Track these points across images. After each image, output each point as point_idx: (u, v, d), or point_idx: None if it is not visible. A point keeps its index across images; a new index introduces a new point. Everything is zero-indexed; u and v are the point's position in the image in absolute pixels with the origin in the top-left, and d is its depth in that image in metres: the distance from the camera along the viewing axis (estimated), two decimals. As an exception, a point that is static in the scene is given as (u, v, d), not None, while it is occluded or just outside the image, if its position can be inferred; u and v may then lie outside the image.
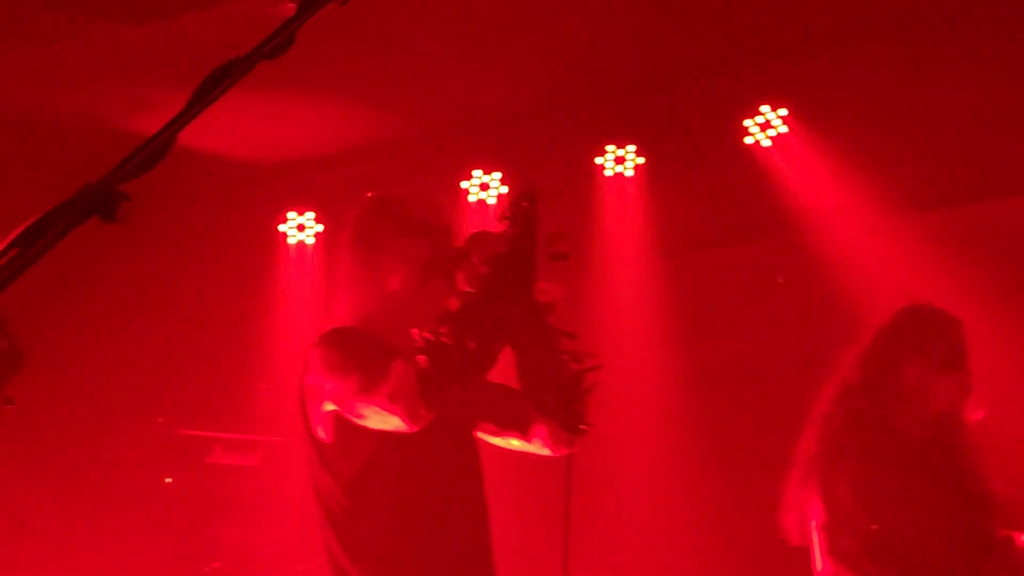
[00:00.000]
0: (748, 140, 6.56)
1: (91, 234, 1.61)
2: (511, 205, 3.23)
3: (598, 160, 6.80)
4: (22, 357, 3.01)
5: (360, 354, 3.32)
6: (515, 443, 3.54)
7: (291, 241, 7.15)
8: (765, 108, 6.50)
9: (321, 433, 3.42)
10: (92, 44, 5.64)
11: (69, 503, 6.27)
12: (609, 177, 6.80)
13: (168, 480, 6.40)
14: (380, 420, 3.24)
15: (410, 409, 3.16)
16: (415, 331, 3.13)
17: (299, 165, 7.12)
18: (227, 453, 6.50)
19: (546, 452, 3.48)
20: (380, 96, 6.43)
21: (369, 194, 3.70)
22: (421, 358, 3.09)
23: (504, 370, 3.34)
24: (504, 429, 3.52)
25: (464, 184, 6.88)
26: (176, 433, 6.40)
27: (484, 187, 6.91)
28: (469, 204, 6.85)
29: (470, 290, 3.19)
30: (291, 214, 7.15)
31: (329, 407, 3.37)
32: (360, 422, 3.30)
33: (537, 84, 6.38)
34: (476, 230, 3.37)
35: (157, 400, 6.52)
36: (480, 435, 3.57)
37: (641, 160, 6.76)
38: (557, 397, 3.30)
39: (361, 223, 3.60)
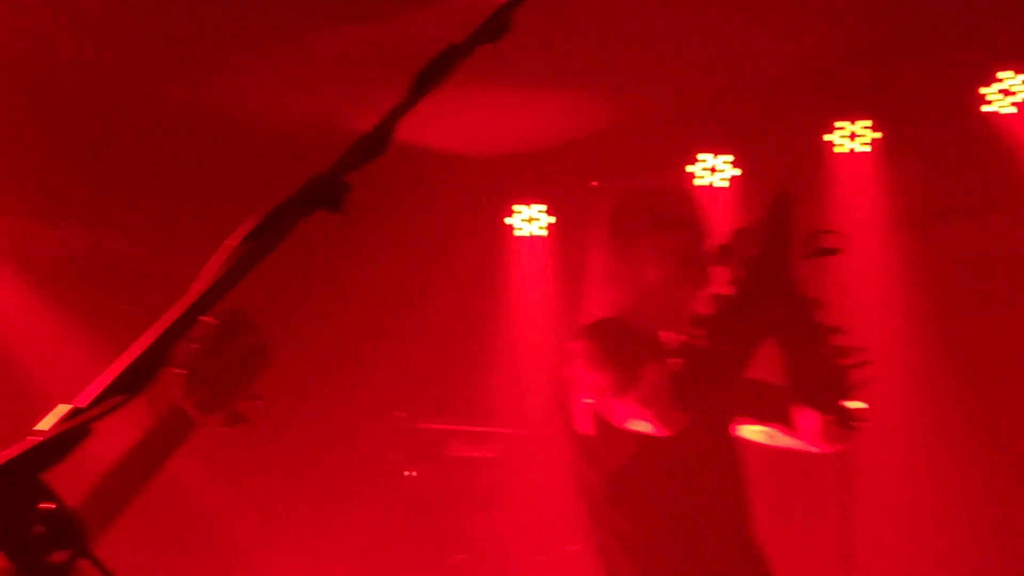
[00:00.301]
0: (987, 108, 6.29)
1: (328, 233, 1.63)
2: (768, 208, 3.15)
3: (828, 136, 6.63)
4: (269, 354, 3.08)
5: (618, 352, 3.29)
6: (780, 437, 3.46)
7: (519, 234, 7.18)
8: (1006, 74, 6.24)
9: (582, 426, 3.40)
10: (316, 46, 5.75)
11: (315, 497, 6.43)
12: (841, 154, 6.62)
13: (409, 473, 6.49)
14: (634, 422, 3.22)
15: (662, 414, 3.11)
16: (669, 334, 3.08)
17: (525, 158, 7.14)
18: (467, 446, 6.56)
19: (815, 449, 3.39)
20: (603, 84, 6.39)
21: (621, 190, 3.69)
22: (676, 360, 3.03)
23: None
24: (767, 420, 3.44)
25: (690, 168, 6.80)
26: (416, 427, 6.49)
27: (712, 170, 6.82)
28: (697, 188, 6.76)
29: (726, 292, 3.12)
30: (518, 207, 7.18)
31: (589, 401, 3.35)
32: (617, 420, 3.27)
33: (762, 61, 6.25)
34: (740, 226, 3.30)
35: (397, 395, 6.63)
36: (742, 429, 3.50)
37: (877, 135, 6.57)
38: (829, 393, 3.21)
39: (617, 216, 3.56)
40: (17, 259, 6.77)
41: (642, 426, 3.17)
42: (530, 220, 7.18)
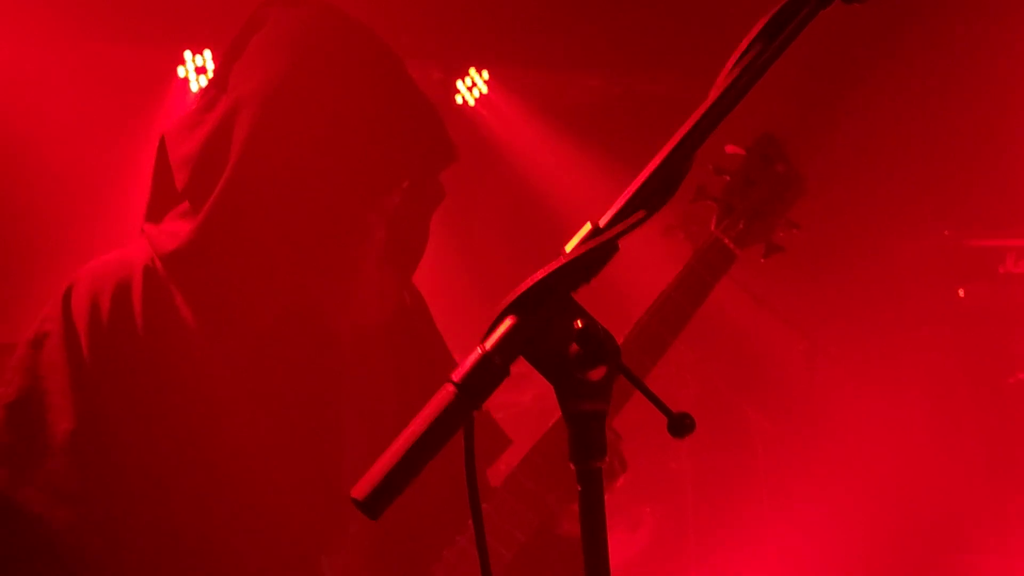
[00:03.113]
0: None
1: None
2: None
3: None
4: (803, 180, 3.02)
5: None
6: None
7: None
8: None
9: None
10: None
11: (861, 323, 6.32)
12: None
13: (960, 293, 6.25)
14: None
15: None
16: None
17: None
18: (1020, 261, 6.23)
19: None
20: None
21: None
22: None
23: None
24: None
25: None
26: (965, 245, 6.23)
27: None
28: None
29: None
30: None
31: None
32: None
33: None
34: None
35: (943, 211, 6.37)
36: None
37: None
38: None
39: None
40: (549, 108, 7.06)
41: None
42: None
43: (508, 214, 7.13)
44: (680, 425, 1.52)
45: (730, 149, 2.92)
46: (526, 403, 5.24)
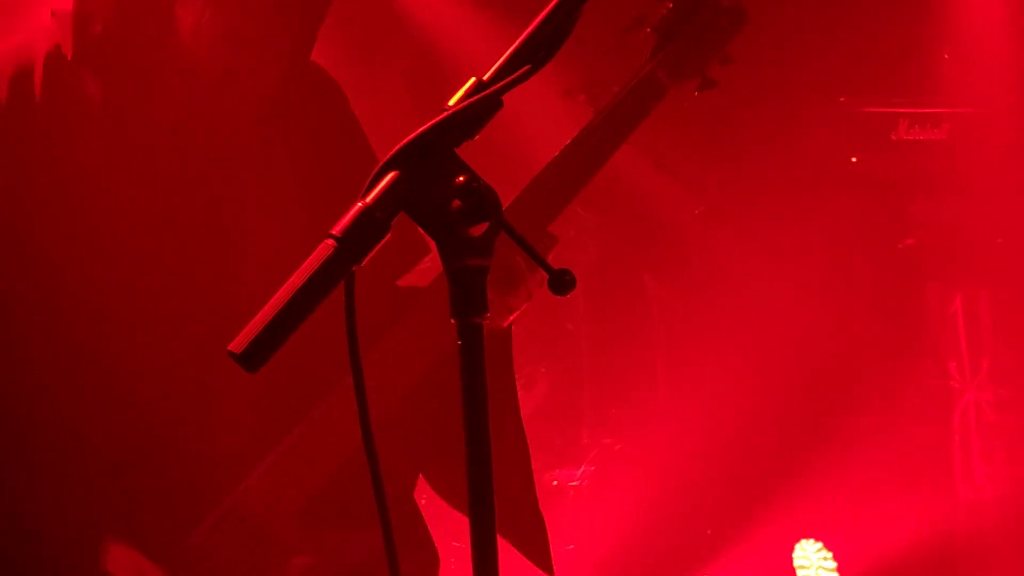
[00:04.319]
0: None
1: None
2: None
3: None
4: (745, 13, 2.93)
5: None
6: None
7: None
8: None
9: None
10: None
11: (757, 187, 6.37)
12: None
13: (853, 160, 6.32)
14: None
15: None
16: None
17: None
18: (913, 128, 6.30)
19: None
20: None
21: None
22: None
23: None
24: None
25: None
26: (860, 111, 6.28)
27: None
28: None
29: None
30: None
31: None
32: None
33: None
34: None
35: (839, 78, 6.40)
36: None
37: None
38: None
39: None
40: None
41: None
42: None
43: (408, 75, 7.04)
44: (561, 282, 1.53)
45: None
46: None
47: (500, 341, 2.69)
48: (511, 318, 2.66)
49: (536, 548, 2.82)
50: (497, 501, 2.82)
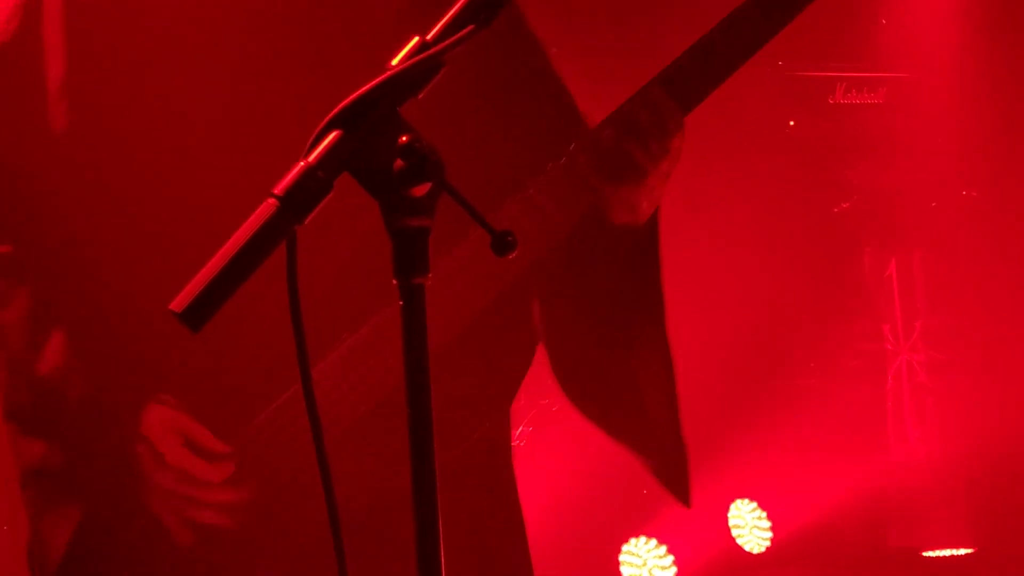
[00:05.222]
0: None
1: None
2: None
3: None
4: None
5: None
6: None
7: None
8: None
9: None
10: None
11: (694, 151, 6.38)
12: None
13: (791, 123, 6.35)
14: None
15: None
16: None
17: None
18: (850, 92, 6.34)
19: None
20: None
21: None
22: None
23: None
24: None
25: None
26: (797, 75, 6.31)
27: None
28: None
29: None
30: None
31: None
32: None
33: None
34: None
35: (776, 41, 6.42)
36: None
37: None
38: None
39: None
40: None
41: None
42: None
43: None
44: (503, 243, 1.53)
45: None
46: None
47: (645, 236, 2.46)
48: (649, 210, 2.41)
49: (675, 475, 2.71)
50: (636, 419, 2.73)
